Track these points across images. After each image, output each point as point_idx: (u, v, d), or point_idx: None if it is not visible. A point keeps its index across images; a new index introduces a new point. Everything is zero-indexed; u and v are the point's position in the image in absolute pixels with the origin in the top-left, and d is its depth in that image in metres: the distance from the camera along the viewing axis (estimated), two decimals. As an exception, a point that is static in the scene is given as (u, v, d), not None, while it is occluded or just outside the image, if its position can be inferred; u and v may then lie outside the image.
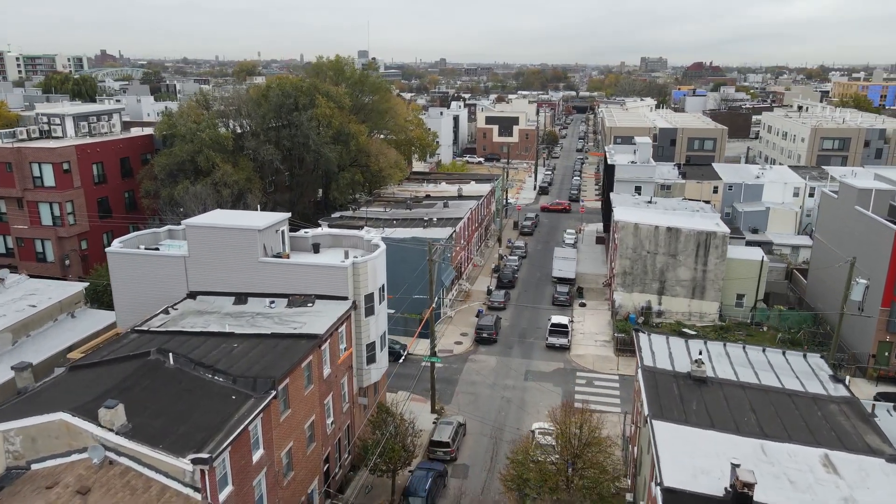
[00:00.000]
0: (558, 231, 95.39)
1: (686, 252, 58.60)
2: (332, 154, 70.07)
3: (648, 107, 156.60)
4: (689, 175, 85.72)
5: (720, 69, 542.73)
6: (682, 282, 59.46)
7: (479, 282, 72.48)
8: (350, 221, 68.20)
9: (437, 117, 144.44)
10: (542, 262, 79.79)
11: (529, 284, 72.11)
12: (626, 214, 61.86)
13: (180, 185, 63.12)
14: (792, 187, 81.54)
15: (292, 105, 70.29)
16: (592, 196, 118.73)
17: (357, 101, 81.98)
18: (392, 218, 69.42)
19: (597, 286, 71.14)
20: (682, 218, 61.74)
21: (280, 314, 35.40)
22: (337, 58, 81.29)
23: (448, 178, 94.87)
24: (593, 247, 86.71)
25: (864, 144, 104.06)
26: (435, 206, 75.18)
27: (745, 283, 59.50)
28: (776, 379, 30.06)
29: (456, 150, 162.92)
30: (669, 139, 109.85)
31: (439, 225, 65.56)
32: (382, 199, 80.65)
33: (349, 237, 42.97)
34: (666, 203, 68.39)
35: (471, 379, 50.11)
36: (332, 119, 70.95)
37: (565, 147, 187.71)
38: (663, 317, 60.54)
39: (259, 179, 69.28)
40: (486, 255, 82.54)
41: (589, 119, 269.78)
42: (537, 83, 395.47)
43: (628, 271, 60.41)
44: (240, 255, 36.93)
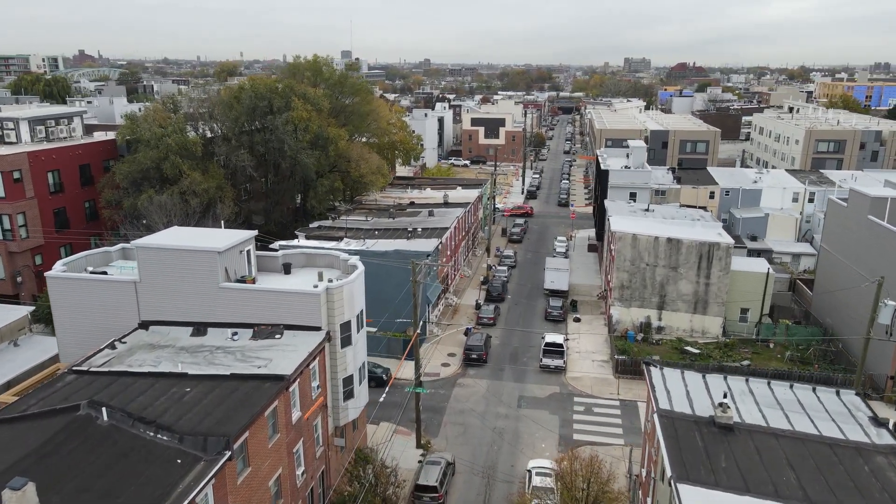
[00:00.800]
0: (548, 238, 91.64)
1: (687, 264, 54.99)
2: (310, 160, 65.68)
3: (637, 108, 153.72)
4: (684, 180, 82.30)
5: (704, 70, 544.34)
6: (683, 296, 55.84)
7: (467, 295, 68.43)
8: (329, 232, 63.84)
9: (422, 119, 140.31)
10: (532, 273, 75.93)
11: (520, 297, 68.19)
12: (623, 224, 58.13)
13: (144, 194, 58.45)
14: (791, 192, 78.40)
15: (266, 108, 65.82)
16: (582, 200, 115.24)
17: (337, 103, 77.66)
18: (374, 228, 65.16)
19: (591, 298, 67.38)
20: (683, 228, 58.14)
21: (243, 348, 31.05)
22: (314, 58, 76.88)
23: (433, 184, 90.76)
24: (585, 255, 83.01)
25: (859, 147, 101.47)
26: (419, 214, 71.01)
27: (750, 296, 56.00)
28: (810, 423, 26.30)
29: (441, 153, 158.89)
30: (661, 142, 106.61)
31: (424, 236, 61.42)
32: (364, 206, 76.37)
33: (324, 256, 38.66)
34: (664, 211, 64.80)
35: (459, 407, 46.01)
36: (310, 123, 66.58)
37: (552, 149, 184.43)
38: (663, 333, 56.88)
39: (231, 187, 64.73)
40: (474, 266, 78.53)
41: (575, 120, 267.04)
42: (522, 84, 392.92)
43: (626, 285, 56.67)
44: (198, 280, 32.53)
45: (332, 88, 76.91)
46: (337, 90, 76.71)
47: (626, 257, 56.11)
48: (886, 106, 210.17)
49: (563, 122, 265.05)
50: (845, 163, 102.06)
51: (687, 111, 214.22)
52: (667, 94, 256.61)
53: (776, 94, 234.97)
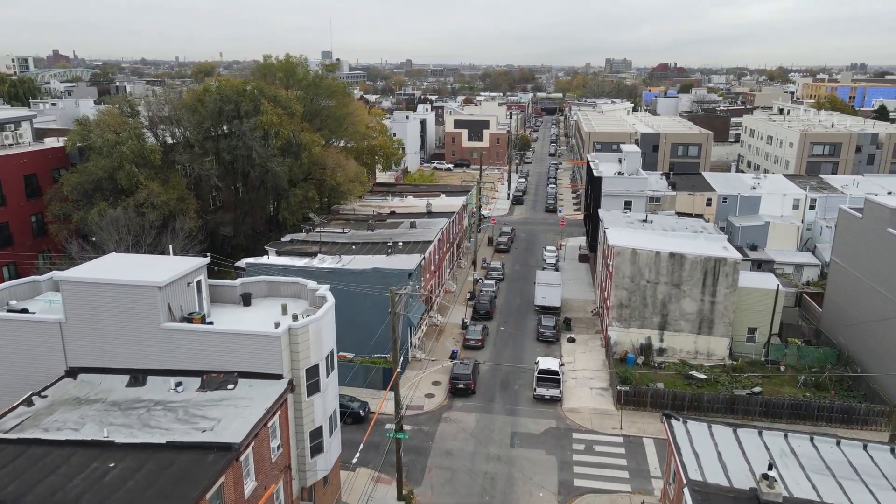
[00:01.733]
0: (536, 247, 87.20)
1: (691, 281, 50.71)
2: (281, 168, 60.52)
3: (625, 110, 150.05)
4: (680, 186, 78.30)
5: (685, 70, 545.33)
6: (686, 315, 51.56)
7: (452, 312, 63.64)
8: (302, 247, 58.72)
9: (403, 122, 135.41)
10: (521, 286, 71.37)
11: (509, 314, 63.56)
12: (620, 237, 53.71)
13: (95, 208, 52.94)
14: (791, 199, 74.70)
15: (233, 112, 60.54)
16: (570, 206, 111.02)
17: (311, 106, 72.52)
18: (351, 241, 60.14)
19: (585, 315, 62.94)
20: (685, 241, 53.88)
21: (188, 402, 26.00)
22: (287, 58, 71.64)
23: (415, 191, 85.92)
24: (577, 266, 78.63)
25: (855, 150, 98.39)
26: (400, 225, 66.11)
27: (758, 315, 51.87)
28: (869, 495, 21.83)
29: (423, 156, 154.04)
30: (651, 145, 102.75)
31: (405, 251, 56.56)
32: (341, 216, 71.31)
33: (290, 284, 33.64)
34: (663, 222, 60.55)
35: (446, 446, 41.19)
36: (281, 128, 61.41)
37: (537, 151, 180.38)
38: (665, 355, 52.55)
39: (195, 199, 59.34)
40: (460, 280, 73.78)
41: (559, 121, 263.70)
42: (504, 84, 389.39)
43: (625, 304, 52.26)
44: (135, 320, 27.41)
45: (306, 90, 71.76)
46: (311, 92, 71.57)
47: (624, 274, 51.70)
48: (870, 106, 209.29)
49: (546, 124, 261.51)
50: (841, 166, 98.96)
51: (672, 112, 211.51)
52: (651, 95, 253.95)
53: (760, 96, 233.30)
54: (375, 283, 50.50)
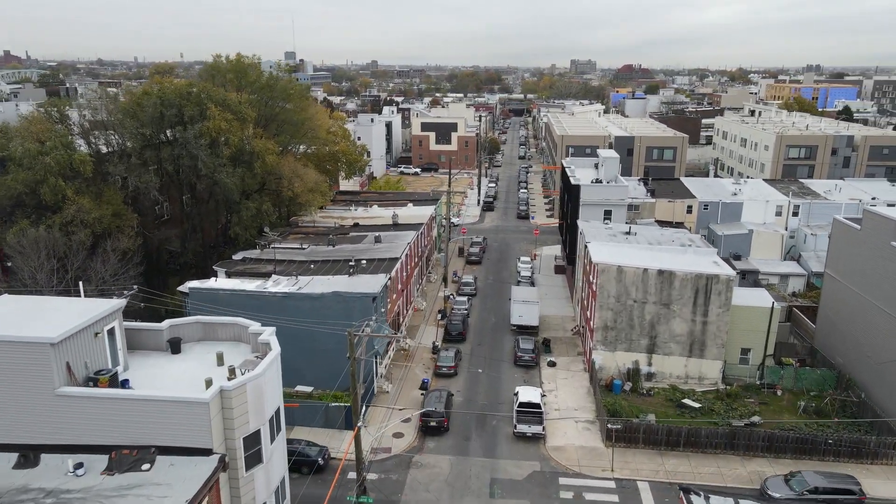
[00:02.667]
0: (510, 257, 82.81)
1: (682, 300, 46.68)
2: (231, 179, 54.75)
3: (597, 112, 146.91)
4: (659, 192, 74.75)
5: (649, 71, 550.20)
6: (676, 337, 47.52)
7: (422, 333, 58.67)
8: (255, 266, 53.12)
9: (368, 125, 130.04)
10: (496, 302, 66.80)
11: (484, 335, 58.88)
12: (604, 253, 49.44)
13: (15, 226, 46.57)
14: (774, 205, 71.69)
15: (175, 117, 54.59)
16: (543, 212, 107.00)
17: (267, 110, 66.77)
18: (310, 260, 54.71)
19: (565, 334, 58.63)
20: (673, 256, 49.88)
21: (88, 491, 20.57)
22: (238, 57, 65.72)
23: (381, 200, 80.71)
24: (553, 278, 74.39)
25: (831, 152, 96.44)
26: (364, 239, 60.90)
27: (752, 335, 48.13)
28: None
29: (390, 161, 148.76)
30: (626, 149, 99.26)
31: (369, 269, 51.42)
32: (300, 230, 65.74)
33: (228, 326, 28.32)
34: (647, 234, 56.53)
35: (417, 499, 36.21)
36: (230, 134, 55.69)
37: (506, 154, 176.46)
38: (654, 380, 48.45)
39: (132, 214, 53.24)
40: (430, 295, 68.84)
41: (527, 122, 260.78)
42: (471, 85, 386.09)
43: (610, 325, 48.00)
44: (24, 383, 21.85)
45: (259, 94, 65.95)
46: (266, 95, 65.79)
47: (609, 293, 47.43)
48: (832, 107, 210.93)
49: (515, 125, 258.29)
50: (817, 169, 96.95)
51: (641, 114, 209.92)
52: (619, 97, 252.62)
53: (727, 97, 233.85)
54: (336, 308, 45.37)
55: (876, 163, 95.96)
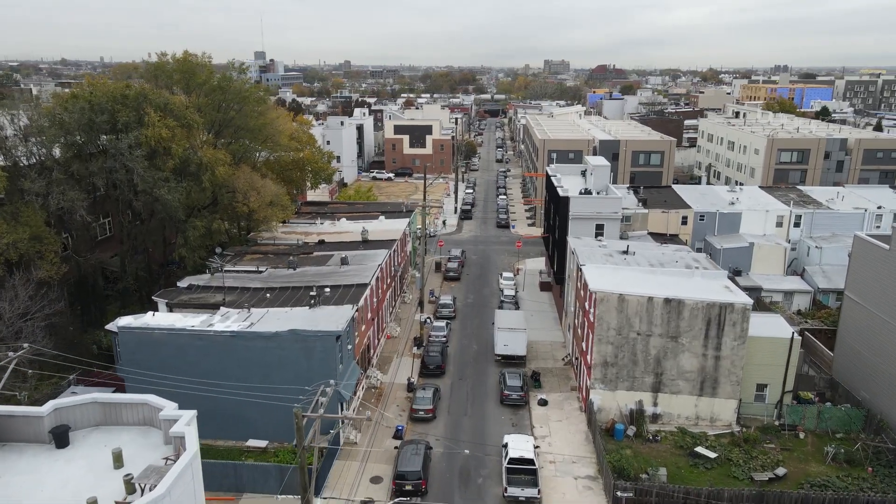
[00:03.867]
0: (491, 272, 76.71)
1: (691, 332, 40.93)
2: (174, 195, 47.64)
3: (577, 114, 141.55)
4: (651, 202, 69.27)
5: (623, 72, 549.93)
6: (686, 374, 41.77)
7: (395, 368, 52.15)
8: (203, 296, 46.17)
9: (338, 128, 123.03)
10: (478, 326, 60.58)
11: (465, 366, 52.60)
12: (601, 279, 43.48)
13: None
14: (774, 215, 66.65)
15: (107, 124, 47.33)
16: (524, 221, 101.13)
17: (220, 115, 59.68)
18: (266, 286, 47.87)
19: (555, 364, 52.64)
20: (680, 281, 44.09)
21: None
22: (185, 56, 58.42)
23: (350, 211, 73.96)
24: (538, 297, 68.42)
25: (824, 156, 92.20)
26: (330, 260, 54.22)
27: (769, 369, 42.59)
28: None
29: (362, 165, 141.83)
30: (611, 153, 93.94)
31: (334, 298, 44.77)
32: (259, 248, 58.76)
33: (135, 407, 21.55)
34: (647, 253, 50.73)
35: (390, 592, 29.75)
36: (173, 143, 48.60)
37: (483, 157, 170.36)
38: (661, 422, 42.65)
39: (57, 236, 45.83)
40: (405, 318, 62.32)
41: (504, 124, 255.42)
42: (445, 86, 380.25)
43: (611, 361, 42.06)
44: None
45: (211, 96, 58.83)
46: (217, 99, 58.66)
47: (609, 325, 41.48)
48: (808, 108, 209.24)
49: (491, 126, 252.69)
50: (809, 174, 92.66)
51: (619, 114, 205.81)
52: (596, 97, 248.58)
53: (704, 97, 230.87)
54: (293, 349, 38.74)
55: (870, 167, 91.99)
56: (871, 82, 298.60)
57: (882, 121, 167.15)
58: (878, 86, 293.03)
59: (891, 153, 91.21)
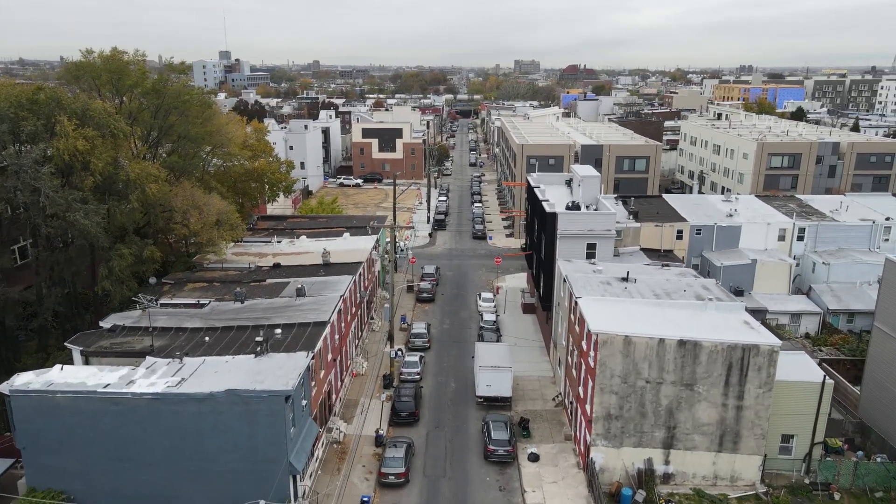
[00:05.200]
0: (468, 290, 70.05)
1: (709, 379, 34.76)
2: (91, 219, 39.86)
3: (555, 115, 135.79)
4: (643, 215, 63.29)
5: (594, 72, 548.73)
6: (702, 427, 35.59)
7: (361, 416, 45.06)
8: (126, 341, 38.54)
9: (301, 132, 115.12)
10: (455, 358, 53.83)
11: (442, 410, 45.78)
12: (602, 316, 37.04)
13: None
14: (776, 228, 61.22)
15: (7, 135, 39.37)
16: (502, 230, 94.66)
17: (159, 123, 51.85)
18: (207, 326, 40.39)
19: (545, 405, 46.16)
20: (692, 315, 37.88)
21: None
22: (114, 52, 50.39)
23: (311, 227, 66.55)
24: (521, 320, 61.94)
25: (815, 161, 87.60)
26: (285, 290, 46.89)
27: (796, 418, 36.68)
28: None
29: (328, 171, 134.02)
30: (594, 159, 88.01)
31: (285, 342, 37.52)
32: (205, 274, 51.10)
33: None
34: (650, 280, 44.37)
35: None
36: (93, 157, 40.83)
37: (456, 161, 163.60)
38: (673, 482, 36.41)
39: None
40: (372, 350, 55.25)
41: (477, 125, 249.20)
42: (416, 86, 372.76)
43: (615, 413, 35.67)
44: None
45: (147, 99, 50.98)
46: (152, 103, 50.80)
47: (613, 372, 35.08)
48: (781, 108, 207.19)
49: (463, 128, 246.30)
50: (801, 180, 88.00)
51: (594, 116, 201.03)
52: (569, 98, 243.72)
53: (679, 98, 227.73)
54: (231, 414, 31.51)
55: (863, 171, 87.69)
56: (839, 82, 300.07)
57: (858, 121, 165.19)
58: (846, 86, 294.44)
59: (884, 157, 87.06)
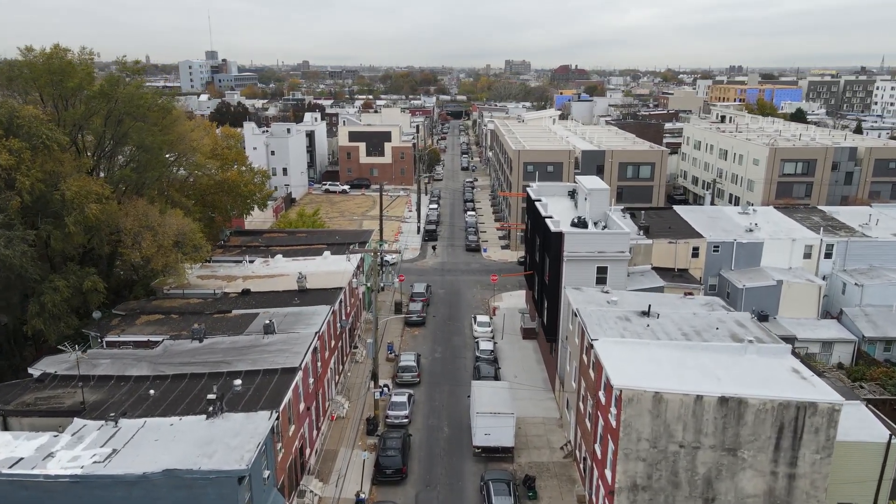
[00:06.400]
0: (462, 311, 63.96)
1: (756, 443, 28.85)
2: (15, 250, 33.45)
3: (551, 118, 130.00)
4: (654, 230, 57.46)
5: (586, 72, 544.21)
6: (746, 499, 29.65)
7: (340, 471, 38.81)
8: (54, 397, 32.20)
9: (283, 137, 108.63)
10: (449, 395, 47.72)
11: (434, 464, 39.64)
12: (621, 362, 31.03)
13: None
14: (802, 245, 55.54)
15: (-89, 149, 32.92)
16: (497, 242, 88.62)
17: (112, 131, 45.37)
18: (154, 374, 34.05)
19: (552, 455, 40.12)
20: (729, 362, 31.91)
21: None
22: (55, 50, 43.76)
23: (290, 243, 60.30)
24: (522, 347, 55.92)
25: (831, 167, 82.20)
26: (252, 324, 40.61)
27: (855, 485, 30.84)
28: None
29: (314, 176, 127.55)
30: (595, 165, 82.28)
31: (245, 397, 31.26)
32: (162, 304, 44.70)
33: None
34: (675, 316, 38.28)
35: None
36: (19, 173, 34.45)
37: (447, 165, 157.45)
38: (710, 564, 30.43)
39: None
40: (355, 387, 49.02)
41: (468, 127, 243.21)
42: (406, 86, 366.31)
43: (642, 484, 29.68)
44: None
45: (94, 105, 44.46)
46: (100, 107, 44.27)
47: (640, 435, 29.09)
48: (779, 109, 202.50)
49: (454, 129, 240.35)
50: (815, 188, 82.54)
51: (589, 117, 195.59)
52: (563, 98, 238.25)
53: (675, 98, 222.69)
54: (170, 499, 25.20)
55: (881, 179, 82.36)
56: (834, 83, 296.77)
57: (861, 123, 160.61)
58: (840, 86, 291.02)
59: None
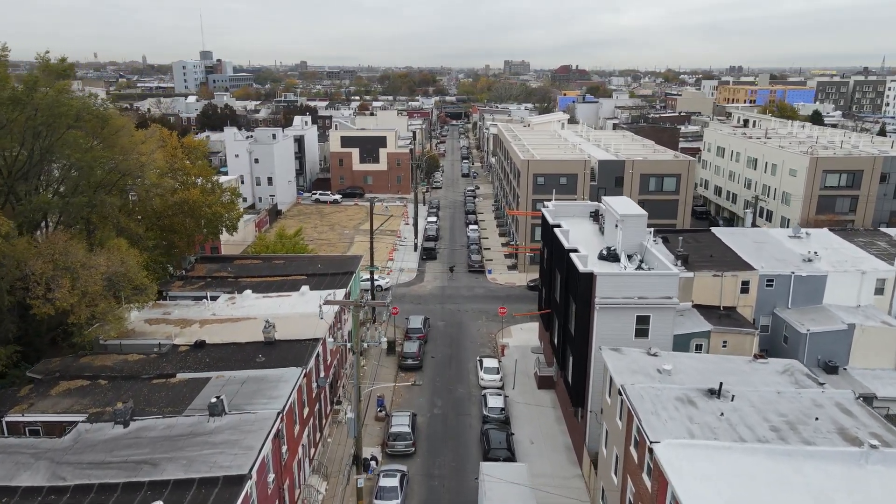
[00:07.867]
0: (464, 352, 54.91)
1: None
2: None
3: (559, 122, 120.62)
4: (693, 258, 48.38)
5: (587, 72, 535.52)
6: None
7: None
8: None
9: (268, 143, 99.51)
10: (451, 472, 38.63)
11: (433, 581, 30.59)
12: (697, 484, 21.95)
13: None
14: (874, 278, 46.50)
15: None
16: (503, 262, 79.55)
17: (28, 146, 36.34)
18: (48, 486, 24.94)
19: (585, 567, 31.02)
20: (850, 481, 22.84)
21: None
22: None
23: (264, 273, 51.16)
24: (536, 402, 46.79)
25: (879, 179, 73.24)
26: (196, 398, 31.47)
27: None
28: None
29: (303, 185, 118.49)
30: (614, 177, 73.31)
31: (168, 532, 22.14)
32: (93, 362, 35.63)
33: None
34: (753, 395, 29.16)
35: None
36: None
37: (447, 171, 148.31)
38: None
39: None
40: (336, 460, 39.91)
41: (468, 130, 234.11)
42: (405, 87, 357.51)
43: None
44: None
45: (5, 114, 35.40)
46: (16, 115, 35.24)
47: None
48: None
49: (454, 132, 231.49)
50: (861, 202, 73.54)
51: (594, 120, 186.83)
52: (567, 100, 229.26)
53: (683, 100, 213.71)
54: None
55: (935, 192, 73.40)
56: (843, 83, 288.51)
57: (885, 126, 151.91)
58: (850, 87, 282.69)
59: (961, 175, 72.85)
